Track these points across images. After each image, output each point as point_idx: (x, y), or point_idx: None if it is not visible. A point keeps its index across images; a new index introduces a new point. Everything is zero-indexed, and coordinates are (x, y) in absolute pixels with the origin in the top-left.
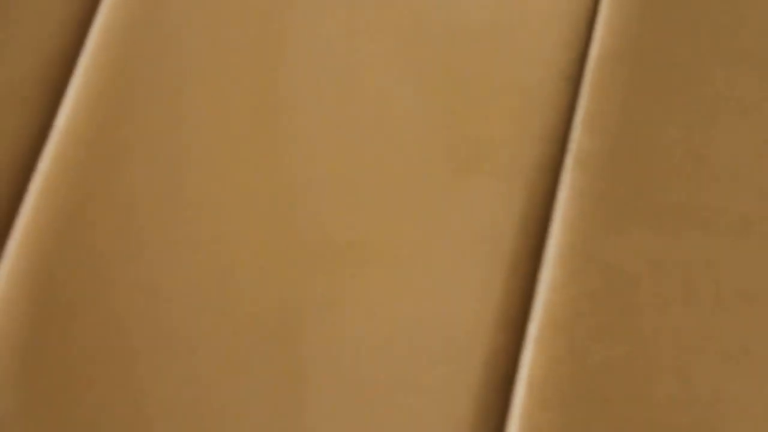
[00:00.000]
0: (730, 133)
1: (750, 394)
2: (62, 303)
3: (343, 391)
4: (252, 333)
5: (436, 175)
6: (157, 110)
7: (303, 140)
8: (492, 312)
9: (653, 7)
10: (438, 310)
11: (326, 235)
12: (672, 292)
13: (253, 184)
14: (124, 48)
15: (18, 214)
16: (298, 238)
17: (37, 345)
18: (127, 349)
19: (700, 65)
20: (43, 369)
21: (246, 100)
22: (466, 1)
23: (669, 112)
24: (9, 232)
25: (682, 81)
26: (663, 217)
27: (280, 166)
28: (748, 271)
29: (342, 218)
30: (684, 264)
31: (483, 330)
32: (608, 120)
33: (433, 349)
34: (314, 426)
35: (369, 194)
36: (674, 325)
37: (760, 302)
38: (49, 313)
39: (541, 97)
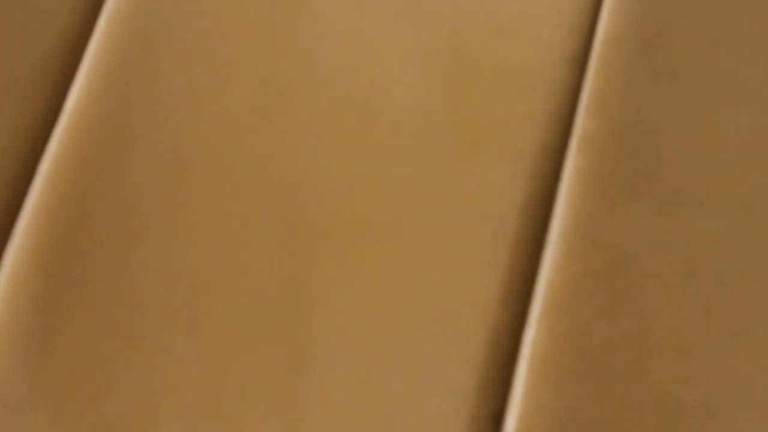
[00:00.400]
0: (734, 115)
1: (751, 374)
2: (71, 285)
3: (348, 369)
4: (259, 312)
5: (440, 156)
6: (166, 95)
7: (308, 122)
8: (495, 291)
9: None
10: (442, 289)
11: (332, 216)
12: (674, 273)
13: (259, 164)
14: (133, 32)
15: (27, 197)
16: (304, 219)
17: (46, 327)
18: (135, 329)
19: (704, 48)
20: (52, 351)
21: (252, 82)
22: None
23: (673, 95)
24: (18, 214)
25: (686, 64)
26: (666, 198)
27: (286, 148)
28: (750, 252)
29: (347, 199)
30: (686, 245)
31: (486, 309)
32: (612, 103)
33: (437, 327)
34: (320, 404)
35: (374, 175)
36: (675, 305)
37: (761, 283)
38: (57, 295)
39: (546, 79)
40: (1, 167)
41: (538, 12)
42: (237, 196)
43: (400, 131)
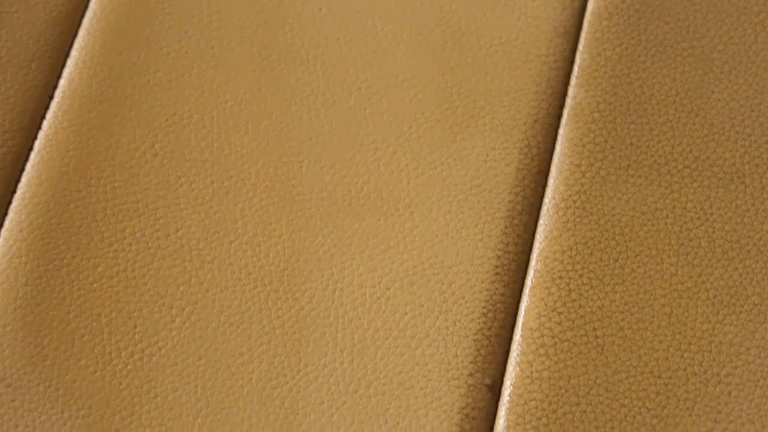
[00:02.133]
0: (724, 86)
1: (744, 341)
2: (66, 260)
3: (343, 340)
4: (254, 284)
5: (434, 129)
6: (160, 70)
7: (302, 95)
8: (490, 262)
9: None
10: (437, 260)
11: (326, 189)
12: (666, 242)
13: (253, 137)
14: (127, 7)
15: (22, 173)
16: (298, 191)
17: (43, 302)
18: (130, 302)
19: (694, 20)
20: (48, 327)
21: (248, 57)
22: None
23: (664, 67)
24: (14, 190)
25: (676, 36)
26: (657, 168)
27: (281, 121)
28: (741, 221)
29: (342, 171)
30: (678, 214)
31: (481, 280)
32: (604, 74)
33: (432, 298)
34: (315, 375)
35: (369, 148)
36: (668, 274)
37: (753, 251)
38: (53, 271)
39: (538, 52)
40: None
41: None
42: (232, 170)
43: (392, 104)
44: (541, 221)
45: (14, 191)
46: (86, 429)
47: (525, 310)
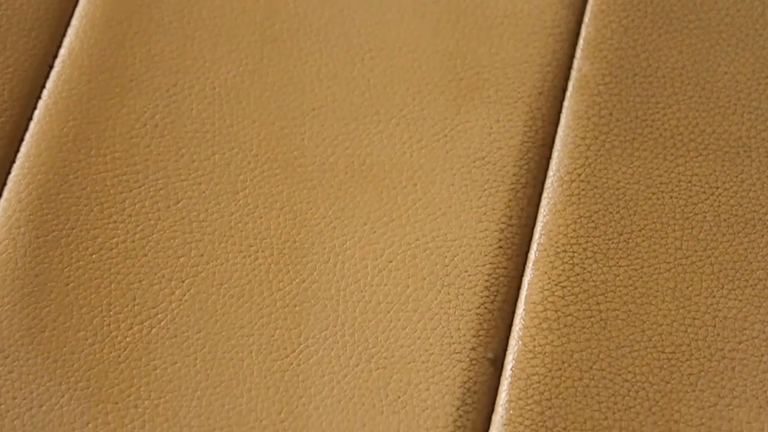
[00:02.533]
0: (730, 59)
1: (749, 316)
2: (66, 231)
3: (344, 313)
4: (254, 256)
5: (438, 101)
6: (162, 39)
7: (306, 66)
8: (493, 235)
9: None
10: (440, 233)
11: (329, 159)
12: (671, 216)
13: (255, 107)
14: None
15: (22, 143)
16: (301, 162)
17: (41, 273)
18: (130, 274)
19: None
20: (47, 297)
21: (250, 28)
22: None
23: (670, 39)
24: (13, 160)
25: (683, 8)
26: (663, 141)
27: (283, 91)
28: (747, 195)
29: (345, 143)
30: (683, 188)
31: (484, 253)
32: (609, 46)
33: (435, 271)
34: (315, 348)
35: (372, 119)
36: (672, 248)
37: (759, 225)
38: (52, 242)
39: (543, 24)
40: None
41: None
42: (233, 141)
43: (396, 75)
44: (545, 194)
45: (13, 161)
46: (84, 401)
47: (528, 284)
